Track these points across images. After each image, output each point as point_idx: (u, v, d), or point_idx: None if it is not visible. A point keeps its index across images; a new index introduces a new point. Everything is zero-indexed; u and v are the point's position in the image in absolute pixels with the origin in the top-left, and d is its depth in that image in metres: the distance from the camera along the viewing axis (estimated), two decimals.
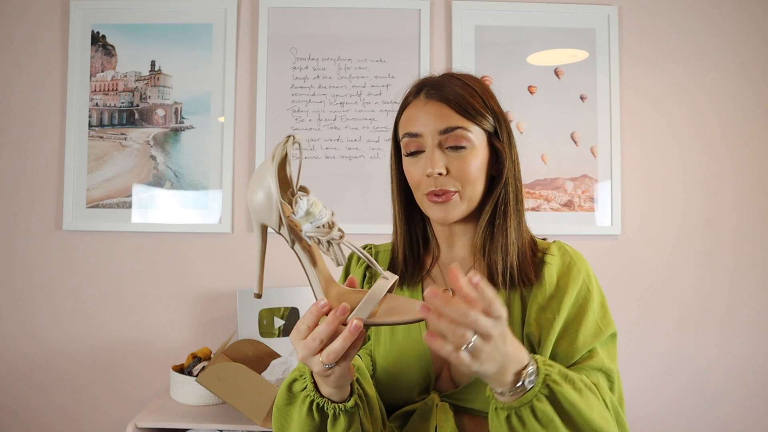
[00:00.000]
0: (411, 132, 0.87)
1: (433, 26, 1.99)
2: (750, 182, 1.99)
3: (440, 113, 0.85)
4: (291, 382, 0.80)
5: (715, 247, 1.98)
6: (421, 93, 0.89)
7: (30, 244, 1.96)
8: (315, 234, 0.70)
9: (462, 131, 0.85)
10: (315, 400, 0.75)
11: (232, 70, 1.97)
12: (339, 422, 0.75)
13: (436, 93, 0.87)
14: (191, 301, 1.95)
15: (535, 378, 0.69)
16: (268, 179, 0.70)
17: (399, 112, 0.92)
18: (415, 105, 0.89)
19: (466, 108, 0.85)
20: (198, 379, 1.52)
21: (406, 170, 0.90)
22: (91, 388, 1.93)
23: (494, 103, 0.89)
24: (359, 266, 0.98)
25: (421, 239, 0.95)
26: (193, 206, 1.96)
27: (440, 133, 0.85)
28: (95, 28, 1.98)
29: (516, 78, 1.98)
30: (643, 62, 2.00)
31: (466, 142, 0.85)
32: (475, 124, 0.86)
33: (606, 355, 0.83)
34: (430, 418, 0.84)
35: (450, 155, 0.85)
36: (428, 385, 0.87)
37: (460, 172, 0.85)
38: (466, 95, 0.86)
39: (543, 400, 0.69)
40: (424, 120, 0.86)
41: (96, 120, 1.97)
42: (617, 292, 1.96)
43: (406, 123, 0.89)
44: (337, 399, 0.75)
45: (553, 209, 1.96)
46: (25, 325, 1.94)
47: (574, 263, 0.88)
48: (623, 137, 1.98)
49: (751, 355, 1.97)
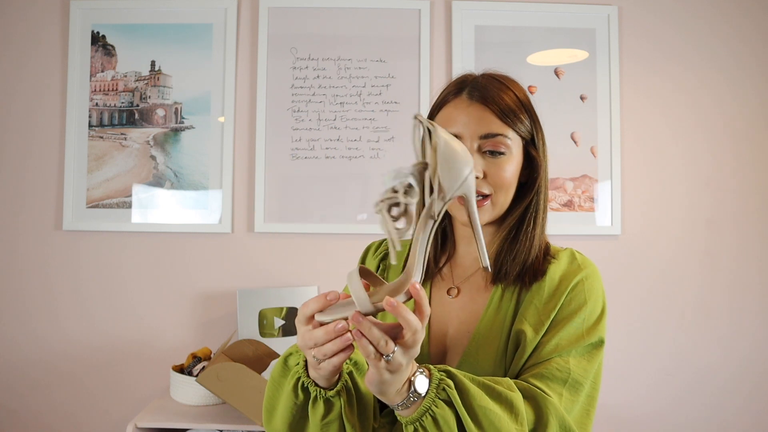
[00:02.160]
0: (450, 132, 0.85)
1: (433, 26, 1.99)
2: (750, 182, 1.99)
3: (482, 117, 0.85)
4: (288, 356, 0.81)
5: (715, 247, 1.98)
6: (463, 92, 0.88)
7: (30, 244, 1.96)
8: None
9: (502, 138, 0.85)
10: (302, 378, 0.76)
11: (232, 70, 1.97)
12: (317, 406, 0.76)
13: (480, 95, 0.86)
14: (191, 301, 1.95)
15: (428, 382, 0.70)
16: (469, 155, 0.72)
17: (436, 107, 0.91)
18: (456, 104, 0.88)
19: (507, 114, 0.85)
20: (198, 379, 1.52)
21: None
22: (91, 388, 1.93)
23: (532, 110, 0.90)
24: (375, 257, 1.00)
25: (439, 235, 0.96)
26: (193, 206, 1.96)
27: (480, 138, 0.85)
28: (95, 28, 1.98)
29: (516, 78, 1.97)
30: (643, 62, 2.00)
31: (504, 148, 0.85)
32: (514, 131, 0.86)
33: (578, 365, 0.81)
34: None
35: (487, 160, 0.85)
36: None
37: (496, 178, 0.85)
38: (508, 101, 0.86)
39: (441, 405, 0.70)
40: (465, 121, 0.85)
41: (96, 120, 1.97)
42: (617, 292, 1.96)
43: (445, 121, 0.88)
44: (323, 384, 0.75)
45: (553, 209, 1.96)
46: (25, 325, 1.94)
47: (580, 270, 0.88)
48: (623, 137, 1.98)
49: (752, 355, 1.97)
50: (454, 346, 0.88)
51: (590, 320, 0.84)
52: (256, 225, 1.94)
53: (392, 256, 0.65)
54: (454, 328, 0.90)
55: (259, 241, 1.96)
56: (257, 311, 1.88)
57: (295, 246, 1.96)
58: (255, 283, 1.95)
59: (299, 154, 1.96)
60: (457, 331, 0.89)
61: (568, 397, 0.79)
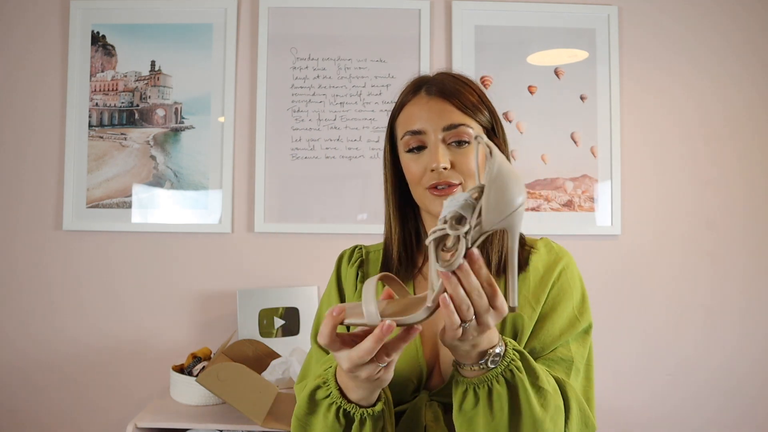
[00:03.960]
0: (413, 129, 0.88)
1: (433, 26, 1.99)
2: (751, 182, 1.99)
3: (443, 109, 0.87)
4: (314, 390, 0.79)
5: (716, 247, 1.98)
6: (421, 90, 0.90)
7: (30, 244, 1.96)
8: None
9: (464, 128, 0.87)
10: (342, 406, 0.75)
11: (232, 70, 1.97)
12: (366, 427, 0.76)
13: (437, 89, 0.89)
14: (191, 301, 1.95)
15: (499, 360, 0.72)
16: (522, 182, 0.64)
17: (395, 112, 0.94)
18: (415, 102, 0.90)
19: (467, 105, 0.88)
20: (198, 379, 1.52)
21: (407, 167, 0.91)
22: (92, 388, 1.93)
23: (488, 101, 0.92)
24: (351, 266, 0.99)
25: (414, 237, 0.96)
26: (193, 206, 1.96)
27: (444, 130, 0.86)
28: (95, 28, 1.98)
29: (516, 78, 1.98)
30: (643, 61, 2.00)
31: (468, 137, 0.87)
32: (475, 121, 0.88)
33: (577, 351, 0.86)
34: (419, 418, 0.85)
35: (453, 150, 0.87)
36: (420, 383, 0.87)
37: (463, 167, 0.86)
38: (466, 93, 0.89)
39: (502, 383, 0.72)
40: (427, 116, 0.87)
41: (96, 120, 1.97)
42: (617, 292, 1.96)
43: (406, 121, 0.90)
44: (366, 404, 0.75)
45: (553, 209, 1.96)
46: (25, 325, 1.94)
47: (560, 258, 0.92)
48: (623, 137, 1.98)
49: (753, 355, 1.97)
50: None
51: (579, 307, 0.89)
52: (256, 225, 1.94)
53: (429, 297, 0.65)
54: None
55: (259, 241, 1.96)
56: (257, 311, 1.88)
57: (295, 246, 1.96)
58: (255, 283, 1.95)
59: (299, 154, 1.96)
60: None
61: (573, 381, 0.84)
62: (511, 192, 0.62)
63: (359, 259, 0.99)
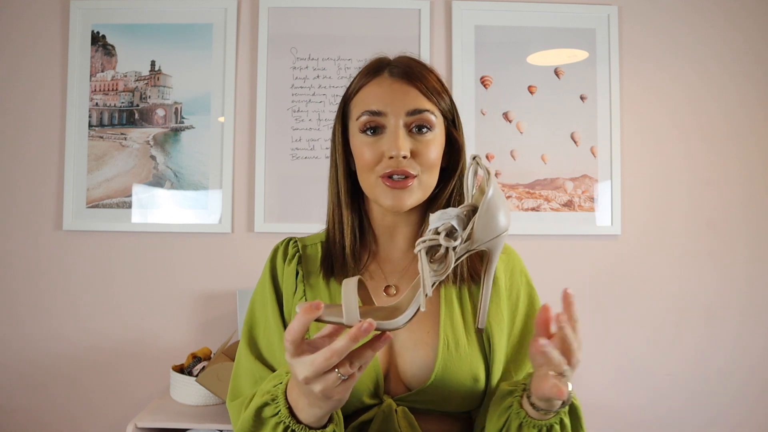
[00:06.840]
0: (373, 110, 0.82)
1: (433, 26, 1.99)
2: (751, 182, 1.99)
3: (408, 93, 0.83)
4: (260, 407, 0.72)
5: (716, 247, 1.98)
6: (384, 71, 0.86)
7: (30, 244, 1.96)
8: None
9: (428, 114, 0.83)
10: (291, 426, 0.69)
11: (232, 70, 1.97)
12: None
13: (401, 72, 0.84)
14: (191, 301, 1.95)
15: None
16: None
17: (353, 90, 0.88)
18: (377, 83, 0.85)
19: (432, 91, 0.84)
20: (198, 379, 1.52)
21: (359, 150, 0.83)
22: (91, 388, 1.93)
23: (449, 92, 0.89)
24: (288, 264, 0.91)
25: (357, 230, 0.89)
26: (193, 206, 1.96)
27: (407, 114, 0.82)
28: (95, 28, 1.98)
29: (516, 78, 1.98)
30: (643, 61, 2.00)
31: (431, 125, 0.83)
32: (438, 109, 0.85)
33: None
34: (392, 425, 0.80)
35: (414, 137, 0.82)
36: (377, 388, 0.82)
37: (423, 157, 0.82)
38: (430, 79, 0.85)
39: (566, 414, 0.73)
40: (389, 99, 0.82)
41: (96, 120, 1.97)
42: (617, 292, 1.96)
43: (365, 100, 0.84)
44: (316, 426, 0.69)
45: (553, 209, 1.96)
46: (25, 325, 1.94)
47: (516, 262, 0.93)
48: (623, 137, 1.98)
49: (753, 355, 1.97)
50: (421, 346, 0.83)
51: (537, 301, 0.91)
52: (256, 225, 1.94)
53: (422, 303, 0.64)
54: (411, 330, 0.84)
55: (259, 241, 1.96)
56: None
57: None
58: (255, 283, 1.94)
59: (299, 154, 1.96)
60: (419, 330, 0.84)
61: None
62: (502, 216, 0.66)
63: (296, 254, 0.91)
